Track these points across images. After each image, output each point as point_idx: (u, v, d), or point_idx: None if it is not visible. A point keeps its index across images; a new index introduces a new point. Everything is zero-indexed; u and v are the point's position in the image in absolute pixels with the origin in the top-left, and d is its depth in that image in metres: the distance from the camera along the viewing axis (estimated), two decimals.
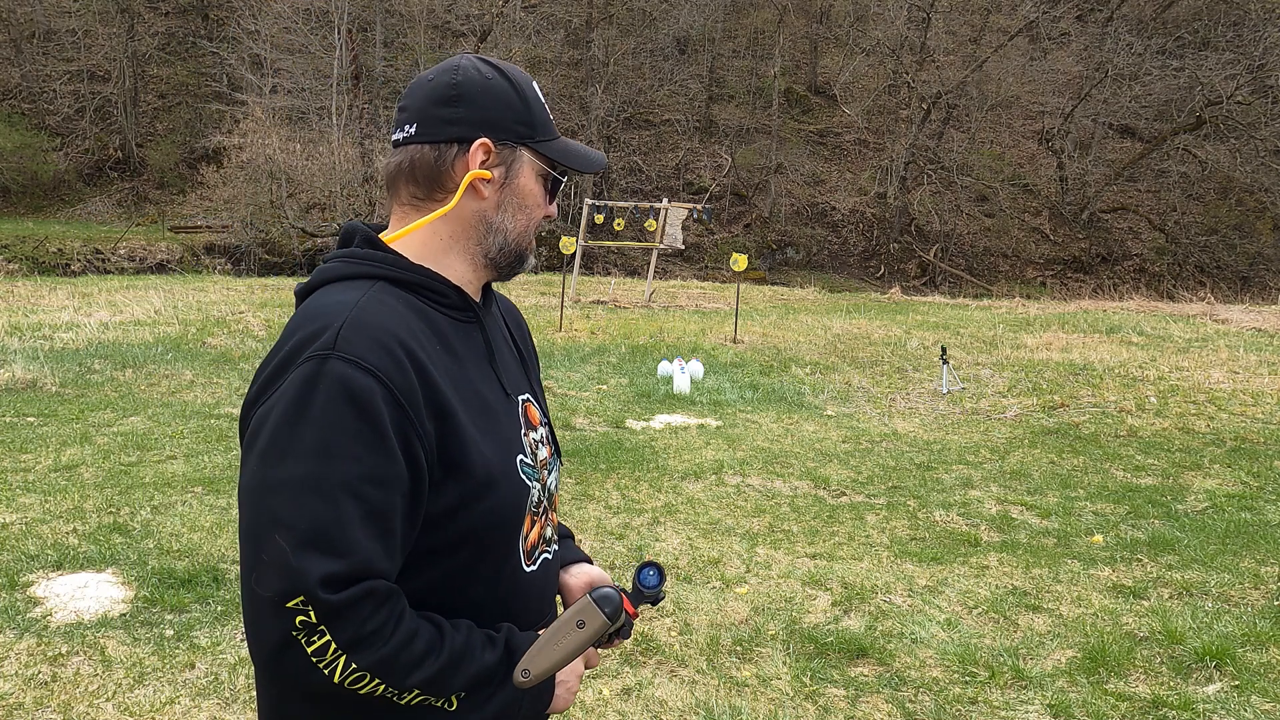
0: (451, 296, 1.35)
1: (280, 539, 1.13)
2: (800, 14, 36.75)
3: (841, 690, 3.58)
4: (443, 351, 1.29)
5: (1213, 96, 30.15)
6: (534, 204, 1.40)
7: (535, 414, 1.46)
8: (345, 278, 1.31)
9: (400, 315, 1.26)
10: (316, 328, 1.21)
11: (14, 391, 8.35)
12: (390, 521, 1.18)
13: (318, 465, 1.14)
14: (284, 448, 1.15)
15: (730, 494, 6.20)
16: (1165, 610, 4.34)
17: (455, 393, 1.27)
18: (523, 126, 1.38)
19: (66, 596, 4.19)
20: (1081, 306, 18.49)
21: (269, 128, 24.49)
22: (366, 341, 1.19)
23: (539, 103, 1.41)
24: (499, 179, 1.36)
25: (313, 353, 1.18)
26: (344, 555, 1.14)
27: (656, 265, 20.37)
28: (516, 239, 1.39)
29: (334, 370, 1.16)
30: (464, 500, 1.26)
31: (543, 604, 1.44)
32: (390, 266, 1.32)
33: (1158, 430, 8.28)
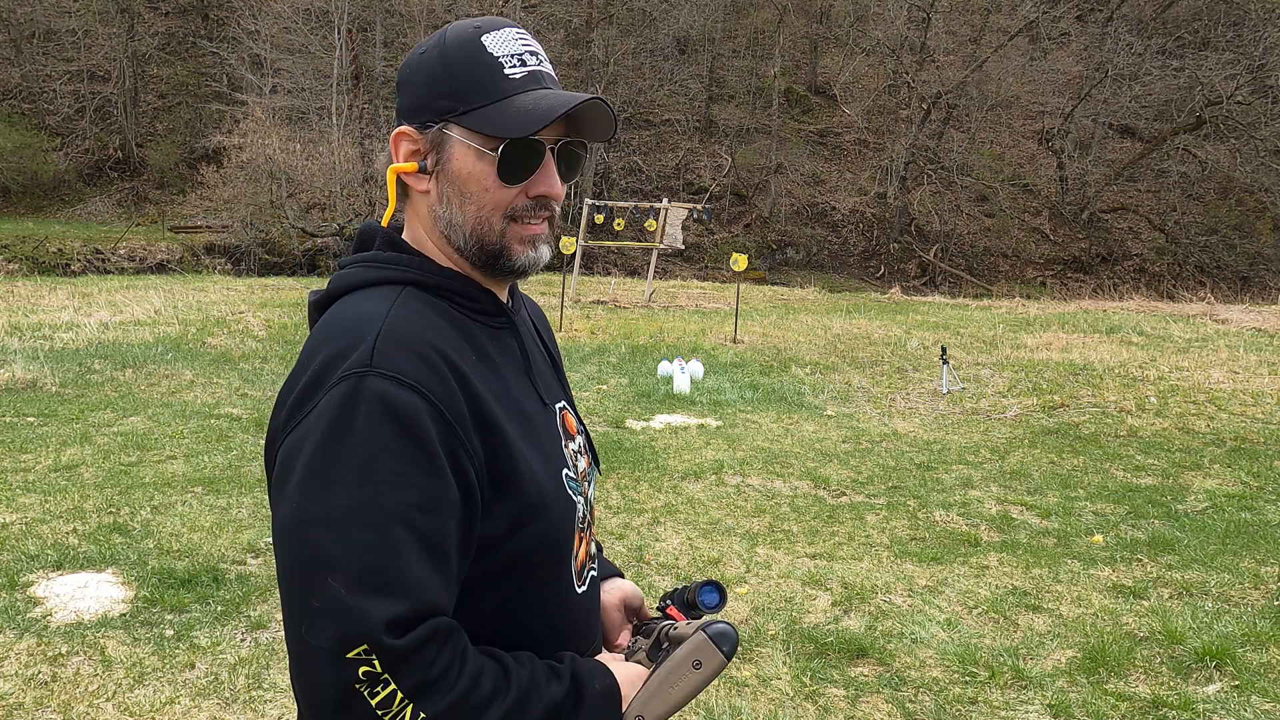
0: (483, 301, 1.24)
1: (333, 581, 1.01)
2: (800, 14, 36.75)
3: (841, 690, 3.58)
4: (479, 361, 1.18)
5: (1213, 96, 30.16)
6: (478, 188, 1.18)
7: (572, 422, 1.35)
8: (368, 284, 1.20)
9: (435, 324, 1.16)
10: (346, 343, 1.10)
11: (14, 391, 8.35)
12: (446, 551, 1.07)
13: (365, 494, 1.03)
14: (325, 478, 1.04)
15: (730, 494, 6.20)
16: (1165, 610, 4.34)
17: (498, 404, 1.16)
18: (445, 100, 1.18)
19: (66, 596, 4.19)
20: (1081, 306, 18.49)
21: (269, 128, 24.49)
22: (404, 354, 1.08)
23: (478, 61, 1.18)
24: (431, 167, 1.20)
25: (347, 371, 1.07)
26: (406, 594, 1.02)
27: (656, 265, 20.37)
28: (473, 233, 1.20)
29: (373, 388, 1.05)
30: (517, 521, 1.15)
31: (592, 626, 1.34)
32: (417, 270, 1.21)
33: (1158, 430, 8.28)
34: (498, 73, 1.17)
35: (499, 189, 1.18)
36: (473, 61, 1.17)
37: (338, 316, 1.16)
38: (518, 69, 1.18)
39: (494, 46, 1.18)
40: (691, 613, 1.36)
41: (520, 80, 1.17)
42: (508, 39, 1.19)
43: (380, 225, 1.26)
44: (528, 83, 1.18)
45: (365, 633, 1.00)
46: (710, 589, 1.36)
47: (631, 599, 1.47)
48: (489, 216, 1.19)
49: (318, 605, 1.02)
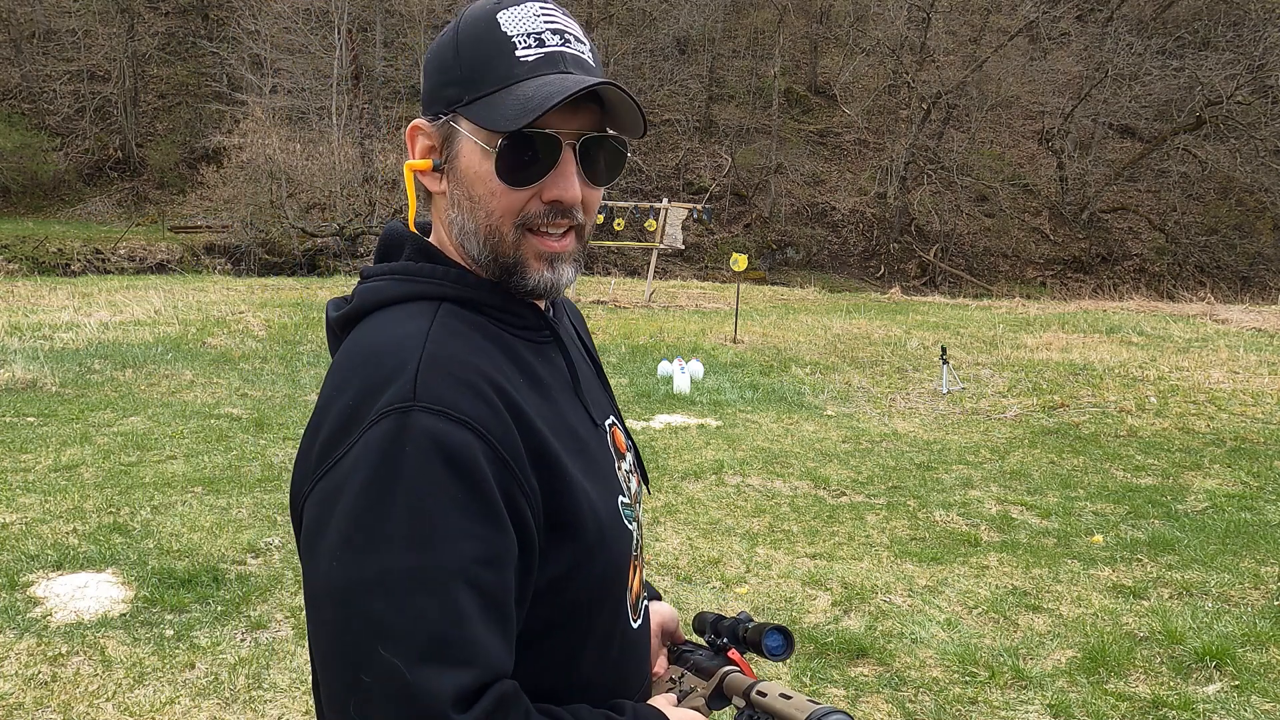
0: (526, 315, 1.09)
1: (387, 653, 0.87)
2: (800, 14, 36.74)
3: (841, 690, 3.58)
4: (529, 386, 1.04)
5: (1213, 96, 30.16)
6: (485, 191, 1.02)
7: (622, 439, 1.21)
8: (400, 300, 1.04)
9: (480, 346, 1.01)
10: (383, 373, 0.95)
11: (14, 391, 8.35)
12: (507, 607, 0.95)
13: (421, 551, 0.89)
14: (372, 533, 0.90)
15: (730, 494, 6.20)
16: (1165, 610, 4.34)
17: (556, 437, 1.02)
18: (453, 87, 1.03)
19: (66, 596, 4.19)
20: (1081, 306, 18.48)
21: (269, 128, 24.50)
22: (452, 384, 0.94)
23: (490, 42, 1.01)
24: (443, 165, 1.06)
25: (387, 407, 0.93)
26: (473, 663, 0.90)
27: (656, 265, 20.37)
28: (486, 243, 1.04)
29: (420, 425, 0.91)
30: (577, 564, 1.02)
31: (646, 660, 1.22)
32: (454, 283, 1.05)
33: (1158, 430, 8.28)
34: (508, 54, 1.00)
35: (505, 192, 1.02)
36: (483, 41, 1.01)
37: (368, 340, 1.01)
38: (532, 50, 1.00)
39: (509, 24, 1.01)
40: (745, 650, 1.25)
41: (533, 63, 1.00)
42: (527, 15, 1.02)
43: (407, 229, 1.12)
44: (541, 66, 1.00)
45: (433, 711, 0.87)
46: (776, 635, 1.22)
47: (668, 623, 1.36)
48: (499, 225, 1.03)
49: (370, 680, 0.88)
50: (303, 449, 1.01)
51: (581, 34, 1.06)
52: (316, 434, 0.98)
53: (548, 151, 1.01)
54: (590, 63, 1.04)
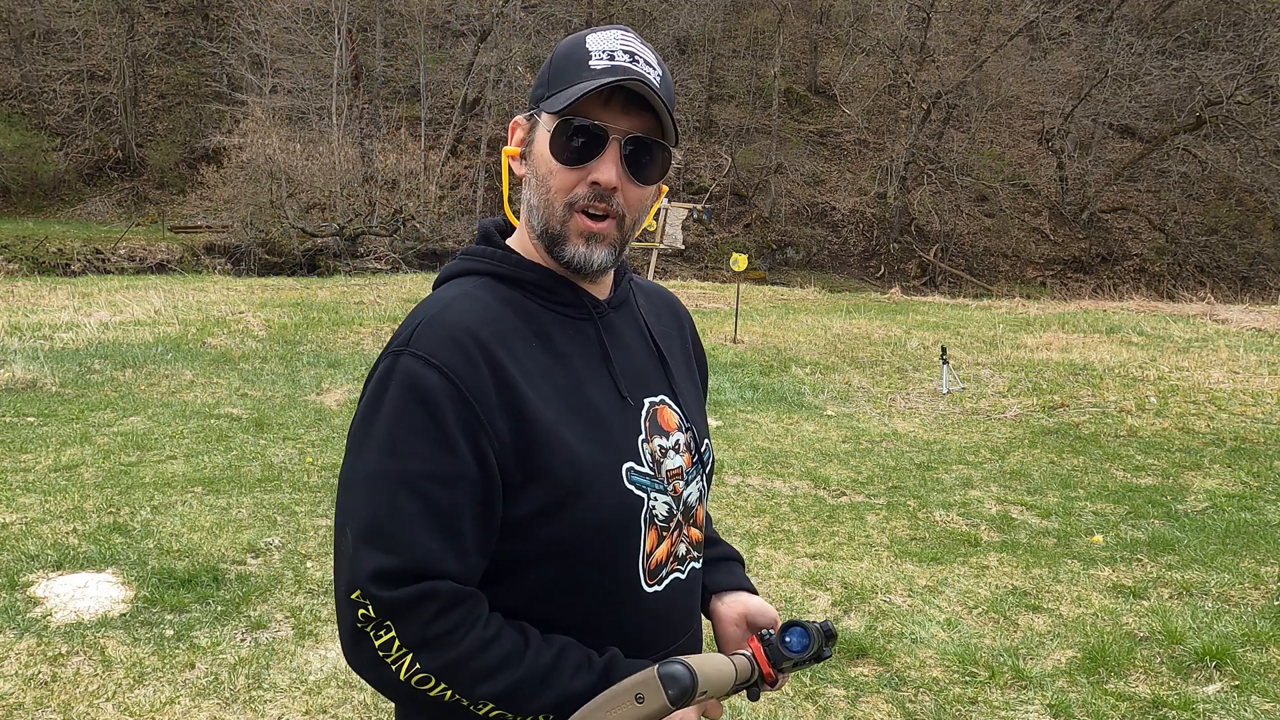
0: (561, 292, 1.28)
1: (348, 531, 1.14)
2: (800, 14, 36.73)
3: (841, 690, 3.58)
4: (541, 350, 1.23)
5: (1213, 96, 30.15)
6: (546, 170, 1.22)
7: (671, 419, 1.33)
8: (458, 274, 1.30)
9: (492, 312, 1.22)
10: (405, 324, 1.22)
11: (14, 391, 8.35)
12: (456, 521, 1.14)
13: (382, 461, 1.14)
14: (359, 442, 1.17)
15: (730, 494, 6.19)
16: (1165, 610, 4.34)
17: (546, 393, 1.20)
18: (541, 88, 1.25)
19: (66, 596, 4.19)
20: (1081, 306, 18.48)
21: (269, 128, 24.49)
22: (440, 338, 1.17)
23: (575, 53, 1.23)
24: (526, 151, 1.27)
25: (391, 349, 1.19)
26: (397, 552, 1.11)
27: (656, 265, 20.37)
28: (543, 217, 1.24)
29: (404, 366, 1.16)
30: (551, 506, 1.18)
31: (666, 628, 1.31)
32: (496, 262, 1.28)
33: (1158, 430, 8.28)
34: (584, 63, 1.20)
35: (560, 171, 1.21)
36: (570, 54, 1.23)
37: (420, 303, 1.26)
38: (603, 61, 1.20)
39: (593, 42, 1.22)
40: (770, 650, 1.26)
41: (598, 71, 1.19)
42: (609, 37, 1.23)
43: (491, 222, 1.35)
44: (603, 74, 1.18)
45: (356, 580, 1.11)
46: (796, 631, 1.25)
47: (756, 616, 1.41)
48: (553, 199, 1.22)
49: (339, 550, 1.16)
50: None
51: (655, 60, 1.24)
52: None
53: (596, 140, 1.20)
54: (654, 84, 1.20)
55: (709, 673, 1.14)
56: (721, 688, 1.17)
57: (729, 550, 1.53)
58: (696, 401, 1.43)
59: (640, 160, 1.22)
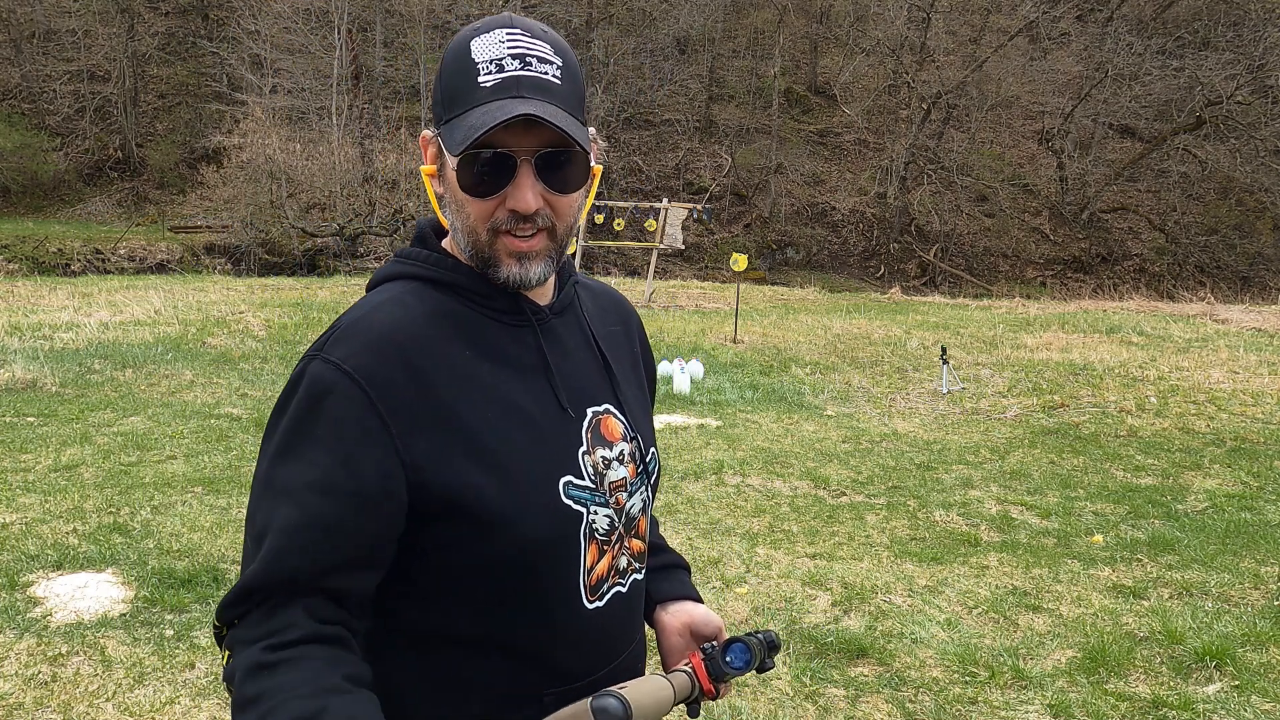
0: (498, 299, 1.20)
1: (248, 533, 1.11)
2: (800, 14, 36.74)
3: (841, 690, 3.58)
4: (475, 358, 1.16)
5: (1213, 96, 30.15)
6: (462, 198, 1.14)
7: (616, 429, 1.27)
8: (391, 278, 1.23)
9: (420, 318, 1.15)
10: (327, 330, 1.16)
11: (14, 391, 8.35)
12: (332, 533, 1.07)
13: (272, 466, 1.10)
14: (263, 445, 1.14)
15: (730, 494, 6.20)
16: (1165, 610, 4.34)
17: (477, 404, 1.13)
18: (439, 106, 1.17)
19: (66, 596, 4.19)
20: (1081, 306, 18.48)
21: (269, 128, 24.49)
22: (355, 345, 1.11)
23: (461, 68, 1.13)
24: (441, 172, 1.19)
25: (307, 353, 1.14)
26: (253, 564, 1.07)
27: (656, 265, 20.36)
28: (469, 240, 1.17)
29: (312, 371, 1.11)
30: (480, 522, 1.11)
31: (607, 644, 1.25)
32: (430, 266, 1.21)
33: (1158, 430, 8.28)
34: (472, 80, 1.11)
35: (472, 201, 1.14)
36: (458, 66, 1.13)
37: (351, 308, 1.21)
38: (492, 75, 1.11)
39: (478, 51, 1.12)
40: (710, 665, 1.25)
41: (490, 89, 1.11)
42: (493, 42, 1.12)
43: (429, 220, 1.28)
44: (495, 92, 1.10)
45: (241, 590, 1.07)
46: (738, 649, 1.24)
47: (701, 625, 1.38)
48: (475, 226, 1.16)
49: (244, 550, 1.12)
50: None
51: (550, 53, 1.14)
52: None
53: (504, 167, 1.12)
54: (555, 81, 1.13)
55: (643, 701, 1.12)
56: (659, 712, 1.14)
57: (675, 558, 1.48)
58: (642, 409, 1.37)
59: (557, 174, 1.14)
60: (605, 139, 34.29)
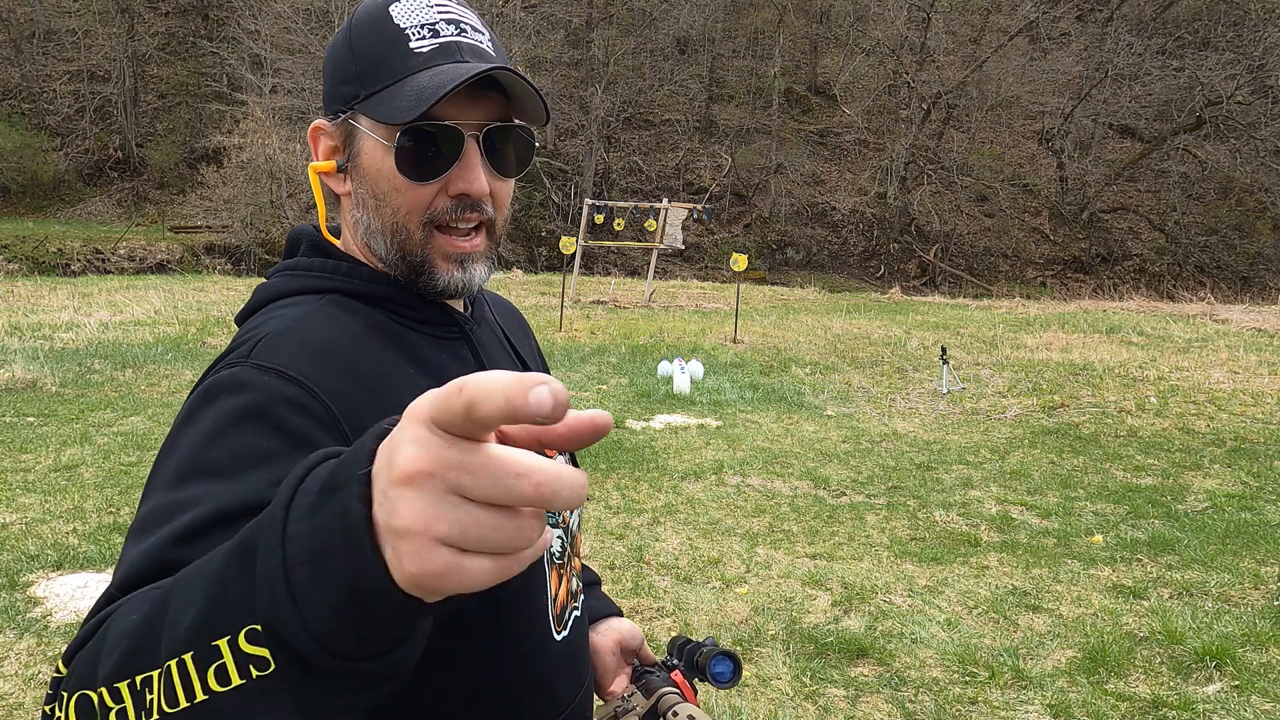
0: (426, 310, 1.04)
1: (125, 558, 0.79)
2: (800, 14, 36.76)
3: (841, 690, 3.58)
4: (418, 375, 0.98)
5: (1213, 96, 30.17)
6: (389, 188, 0.99)
7: None
8: (290, 294, 1.01)
9: (358, 332, 0.96)
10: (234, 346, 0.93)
11: (14, 391, 8.35)
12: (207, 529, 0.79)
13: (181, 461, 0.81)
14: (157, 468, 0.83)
15: (730, 494, 6.20)
16: (1165, 610, 4.34)
17: None
18: (349, 84, 1.00)
19: (66, 596, 4.19)
20: (1081, 306, 18.49)
21: (269, 128, 24.50)
22: (296, 353, 0.90)
23: (382, 37, 0.98)
24: (347, 164, 1.02)
25: (220, 365, 0.90)
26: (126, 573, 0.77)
27: (656, 265, 20.37)
28: (393, 241, 1.01)
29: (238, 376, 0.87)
30: None
31: (575, 674, 1.14)
32: (344, 277, 1.02)
33: (1158, 430, 8.28)
34: (402, 47, 0.97)
35: (409, 187, 0.98)
36: (377, 35, 0.98)
37: (246, 329, 0.97)
38: (426, 40, 0.97)
39: (401, 17, 0.98)
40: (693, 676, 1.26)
41: (427, 54, 0.97)
42: (419, 6, 0.99)
43: (311, 229, 1.08)
44: (436, 56, 0.97)
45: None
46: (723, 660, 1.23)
47: (629, 640, 1.33)
48: (404, 222, 0.99)
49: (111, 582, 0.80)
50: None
51: (480, 24, 1.03)
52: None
53: (450, 144, 0.97)
54: (490, 52, 1.01)
55: None
56: None
57: (589, 574, 1.38)
58: None
59: (503, 153, 1.01)
60: (605, 139, 34.16)
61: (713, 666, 1.24)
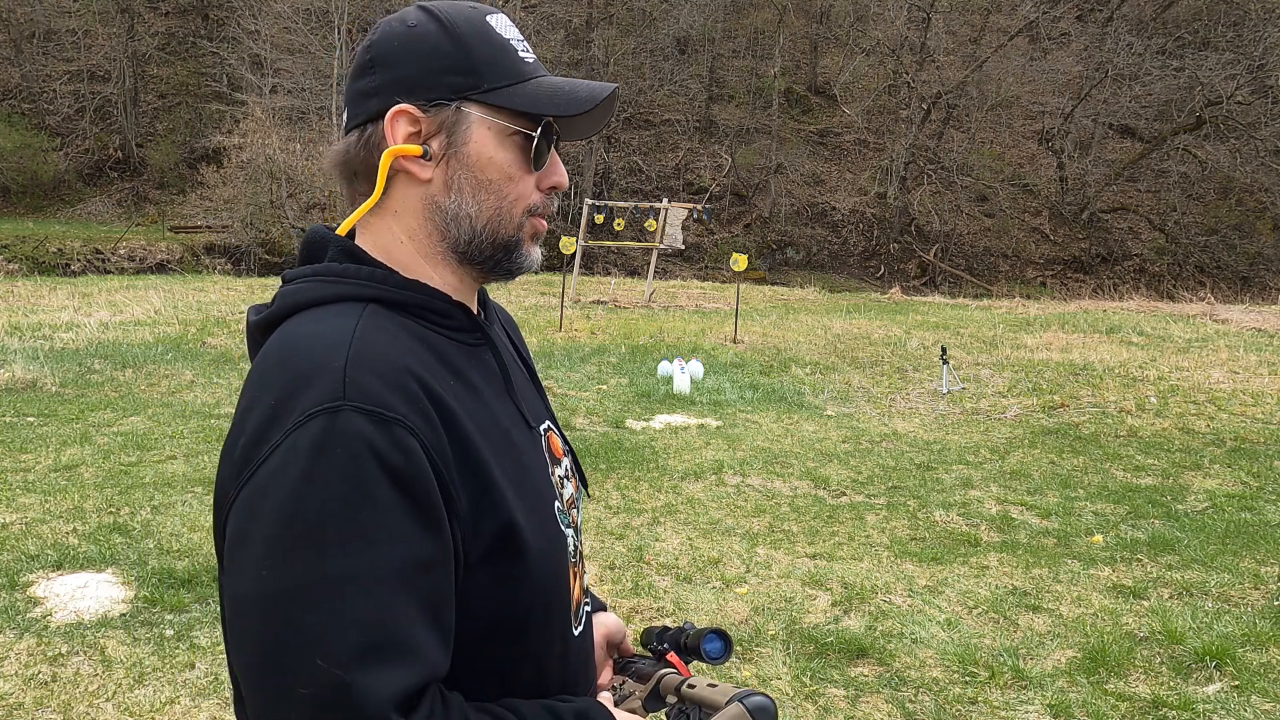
0: (457, 317, 1.07)
1: (324, 662, 0.84)
2: (800, 14, 36.76)
3: (841, 690, 3.58)
4: (462, 387, 1.01)
5: (1213, 96, 30.17)
6: (501, 176, 1.05)
7: (558, 444, 1.19)
8: (323, 302, 1.01)
9: (408, 346, 0.98)
10: (307, 370, 0.92)
11: (14, 391, 8.35)
12: (444, 612, 0.93)
13: (356, 556, 0.86)
14: (301, 539, 0.86)
15: (730, 494, 6.20)
16: (1165, 610, 4.34)
17: (486, 440, 1.00)
18: (460, 76, 1.03)
19: (66, 596, 4.19)
20: (1081, 306, 18.49)
21: (269, 128, 24.50)
22: (382, 383, 0.91)
23: (491, 41, 1.05)
24: (439, 151, 1.04)
25: (315, 407, 0.89)
26: (413, 664, 0.87)
27: (656, 265, 20.37)
28: (488, 225, 1.05)
29: (353, 426, 0.88)
30: (509, 573, 1.00)
31: (590, 668, 1.20)
32: (381, 285, 1.02)
33: (1158, 430, 8.28)
34: (512, 54, 1.06)
35: (522, 177, 1.06)
36: (486, 39, 1.05)
37: (290, 340, 0.97)
38: (527, 54, 1.08)
39: (500, 29, 1.07)
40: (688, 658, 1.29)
41: (531, 65, 1.08)
42: (505, 25, 1.09)
43: (331, 232, 1.09)
44: (537, 69, 1.08)
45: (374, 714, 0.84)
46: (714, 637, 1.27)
47: (614, 634, 1.37)
48: (510, 208, 1.06)
49: (305, 693, 0.84)
50: (224, 455, 0.96)
51: None
52: (238, 439, 0.93)
53: (553, 142, 1.09)
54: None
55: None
56: None
57: None
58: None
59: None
60: (605, 139, 34.14)
61: (705, 644, 1.27)
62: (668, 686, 1.23)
